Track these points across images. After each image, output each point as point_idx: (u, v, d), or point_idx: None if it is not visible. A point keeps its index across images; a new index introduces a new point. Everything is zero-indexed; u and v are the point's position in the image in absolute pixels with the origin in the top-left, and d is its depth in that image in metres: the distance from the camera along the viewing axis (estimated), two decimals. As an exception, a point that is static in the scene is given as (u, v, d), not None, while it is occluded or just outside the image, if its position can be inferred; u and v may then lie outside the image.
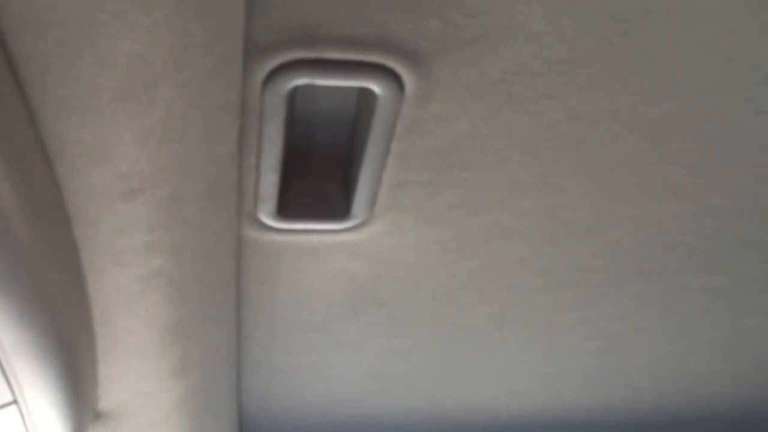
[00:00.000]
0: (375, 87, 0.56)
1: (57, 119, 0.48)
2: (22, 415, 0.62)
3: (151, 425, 0.75)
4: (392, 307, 0.83)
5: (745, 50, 0.58)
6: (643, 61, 0.58)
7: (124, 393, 0.71)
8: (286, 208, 0.67)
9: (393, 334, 0.88)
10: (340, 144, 0.65)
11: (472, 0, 0.51)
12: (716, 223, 0.77)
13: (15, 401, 0.61)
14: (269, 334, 0.85)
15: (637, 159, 0.67)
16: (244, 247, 0.70)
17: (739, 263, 0.84)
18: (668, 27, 0.56)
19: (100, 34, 0.44)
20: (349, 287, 0.79)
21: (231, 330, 0.75)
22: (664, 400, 1.13)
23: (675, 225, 0.77)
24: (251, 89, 0.56)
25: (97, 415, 0.73)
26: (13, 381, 0.59)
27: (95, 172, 0.51)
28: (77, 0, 0.42)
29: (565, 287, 0.84)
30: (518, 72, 0.57)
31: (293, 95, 0.59)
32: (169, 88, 0.49)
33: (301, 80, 0.55)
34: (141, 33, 0.45)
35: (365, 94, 0.59)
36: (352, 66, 0.55)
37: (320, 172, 0.66)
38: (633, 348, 0.98)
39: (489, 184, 0.68)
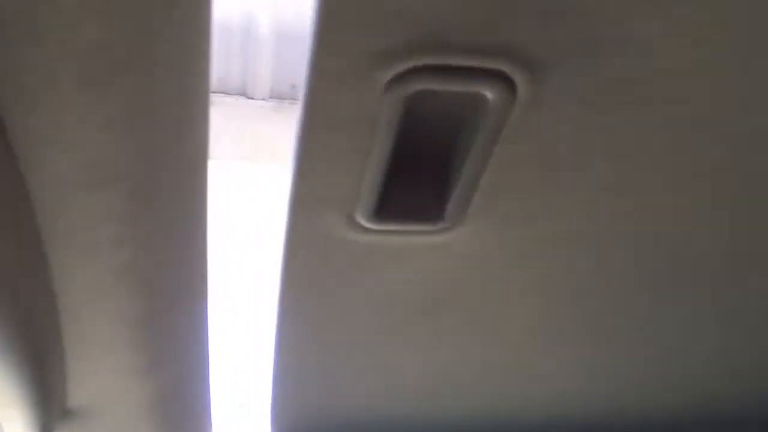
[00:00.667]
0: (489, 92, 0.57)
1: (19, 107, 0.47)
2: (-13, 412, 0.61)
3: (122, 423, 0.75)
4: (466, 308, 0.84)
5: None
6: (752, 71, 0.59)
7: (94, 390, 0.70)
8: (380, 209, 0.67)
9: (462, 335, 0.89)
10: (437, 145, 0.65)
11: (592, 8, 0.52)
12: None
13: (-20, 397, 0.60)
14: (340, 334, 0.85)
15: (724, 168, 0.68)
16: (332, 247, 0.71)
17: None
18: None
19: (62, 19, 0.43)
20: (427, 288, 0.79)
21: (203, 327, 0.74)
22: (733, 404, 1.13)
23: (751, 234, 0.78)
24: (372, 93, 0.56)
25: (66, 413, 0.72)
26: (-23, 377, 0.58)
27: (59, 161, 0.51)
28: None
29: (634, 292, 0.85)
30: (625, 80, 0.58)
31: None
32: (133, 76, 0.49)
33: (421, 86, 0.56)
34: (103, 19, 0.45)
35: (472, 98, 0.60)
36: (471, 72, 0.56)
37: (416, 172, 0.66)
38: (699, 353, 0.99)
39: (579, 189, 0.69)
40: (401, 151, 0.62)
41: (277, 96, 3.06)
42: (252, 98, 3.05)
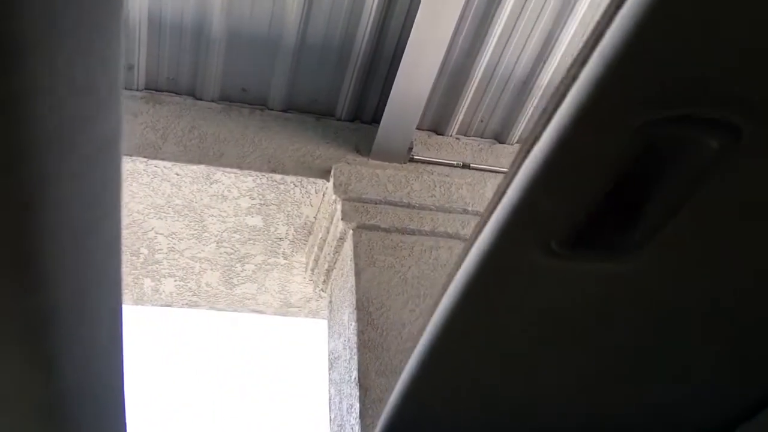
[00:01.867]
0: (715, 141, 0.59)
1: None
2: None
3: (22, 422, 0.72)
4: (615, 335, 0.86)
5: None
6: None
7: (-6, 386, 0.67)
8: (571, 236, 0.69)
9: (616, 359, 0.90)
10: (637, 178, 0.67)
11: None
12: None
13: None
14: (492, 347, 0.86)
15: None
16: (516, 268, 0.73)
17: None
18: None
19: None
20: (585, 312, 0.81)
21: (116, 320, 0.72)
22: None
23: None
24: (616, 138, 0.59)
25: (-38, 410, 0.69)
26: None
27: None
28: None
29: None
30: None
31: None
32: (34, 58, 0.47)
33: (661, 134, 0.59)
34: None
35: (694, 143, 0.62)
36: (706, 122, 0.58)
37: (609, 201, 0.68)
38: None
39: (757, 235, 0.70)
40: None
41: (227, 99, 3.03)
42: (201, 99, 3.01)
